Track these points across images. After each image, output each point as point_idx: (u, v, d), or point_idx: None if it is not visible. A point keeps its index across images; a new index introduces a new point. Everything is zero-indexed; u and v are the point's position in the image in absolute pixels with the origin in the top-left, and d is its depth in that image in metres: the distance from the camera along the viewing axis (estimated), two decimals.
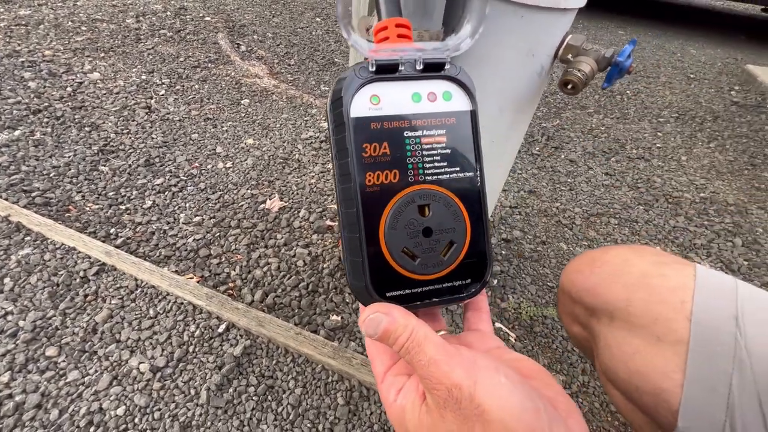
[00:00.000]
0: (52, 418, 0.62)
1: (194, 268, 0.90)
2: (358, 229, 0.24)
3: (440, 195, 0.26)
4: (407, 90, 0.26)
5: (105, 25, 1.93)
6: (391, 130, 0.25)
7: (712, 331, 0.33)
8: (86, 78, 1.51)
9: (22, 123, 1.23)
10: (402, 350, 0.23)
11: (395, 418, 0.24)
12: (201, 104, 1.50)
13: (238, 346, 0.74)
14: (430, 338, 0.23)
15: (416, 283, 0.26)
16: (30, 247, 0.86)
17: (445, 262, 0.26)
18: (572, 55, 0.48)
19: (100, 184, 1.08)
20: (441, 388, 0.21)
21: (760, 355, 0.31)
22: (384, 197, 0.25)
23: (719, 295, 0.35)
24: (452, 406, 0.21)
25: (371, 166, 0.25)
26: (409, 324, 0.23)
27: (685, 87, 2.27)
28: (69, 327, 0.74)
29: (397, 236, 0.25)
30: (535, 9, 0.44)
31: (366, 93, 0.25)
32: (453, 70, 0.27)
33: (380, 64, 0.25)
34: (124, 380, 0.68)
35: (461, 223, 0.26)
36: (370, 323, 0.23)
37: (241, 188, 1.15)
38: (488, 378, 0.21)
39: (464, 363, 0.22)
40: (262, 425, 0.65)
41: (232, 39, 2.06)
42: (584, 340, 0.46)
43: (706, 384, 0.32)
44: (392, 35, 0.28)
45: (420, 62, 0.26)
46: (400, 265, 0.25)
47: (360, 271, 0.25)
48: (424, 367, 0.22)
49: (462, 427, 0.21)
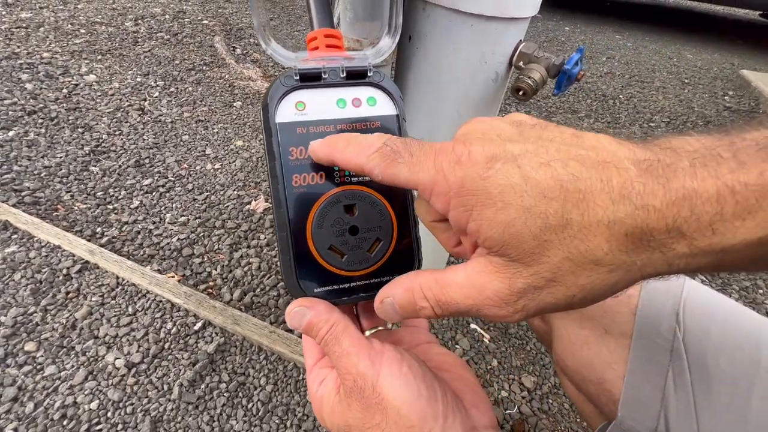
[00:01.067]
0: (27, 411, 0.64)
1: (176, 267, 0.92)
2: (286, 227, 0.26)
3: (366, 195, 0.27)
4: (332, 96, 0.27)
5: (104, 28, 1.97)
6: (316, 134, 0.27)
7: (653, 324, 0.35)
8: (82, 80, 1.55)
9: (16, 124, 1.26)
10: (322, 342, 0.24)
11: (315, 406, 0.26)
12: (194, 106, 1.53)
13: (212, 344, 0.76)
14: (347, 332, 0.24)
15: (344, 279, 0.27)
16: (16, 245, 0.89)
17: (371, 258, 0.27)
18: (524, 62, 0.50)
19: (89, 184, 1.11)
20: (349, 378, 0.23)
21: (695, 349, 0.32)
22: (311, 198, 0.26)
23: (665, 291, 0.36)
24: (357, 395, 0.22)
25: (298, 168, 0.26)
26: (330, 318, 0.24)
27: (678, 92, 2.27)
28: (49, 323, 0.76)
29: (323, 234, 0.26)
30: (483, 19, 0.45)
31: (291, 100, 0.27)
32: (377, 77, 0.29)
33: (303, 73, 0.27)
34: (99, 375, 0.70)
35: (387, 221, 0.27)
36: (294, 316, 0.25)
37: (228, 189, 1.17)
38: (390, 369, 0.23)
39: (372, 355, 0.23)
40: (231, 420, 0.67)
41: (228, 42, 2.09)
42: (544, 332, 0.48)
43: (644, 376, 0.34)
44: (322, 45, 0.30)
45: (343, 70, 0.28)
46: (327, 262, 0.26)
47: (289, 268, 0.26)
48: (338, 358, 0.24)
49: (365, 415, 0.22)
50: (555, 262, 0.17)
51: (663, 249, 0.16)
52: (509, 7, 0.45)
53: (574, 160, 0.17)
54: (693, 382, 0.31)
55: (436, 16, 0.47)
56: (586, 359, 0.38)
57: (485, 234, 0.18)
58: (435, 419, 0.22)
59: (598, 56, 2.70)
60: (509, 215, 0.17)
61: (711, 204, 0.15)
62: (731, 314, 0.33)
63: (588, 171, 0.16)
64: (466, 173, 0.18)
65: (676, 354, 0.33)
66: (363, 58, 0.29)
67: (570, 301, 0.18)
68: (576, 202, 0.16)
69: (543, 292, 0.18)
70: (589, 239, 0.16)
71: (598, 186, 0.16)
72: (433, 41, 0.49)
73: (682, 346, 0.33)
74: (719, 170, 0.15)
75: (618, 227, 0.16)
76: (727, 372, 0.30)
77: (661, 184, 0.15)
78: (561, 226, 0.16)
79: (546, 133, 0.19)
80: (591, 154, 0.17)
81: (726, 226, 0.15)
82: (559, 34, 3.06)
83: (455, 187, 0.18)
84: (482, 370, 0.82)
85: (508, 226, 0.17)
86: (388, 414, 0.22)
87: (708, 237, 0.15)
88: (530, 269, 0.17)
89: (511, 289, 0.18)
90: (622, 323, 0.36)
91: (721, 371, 0.30)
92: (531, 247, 0.17)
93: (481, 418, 0.25)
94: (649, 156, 0.16)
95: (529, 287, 0.18)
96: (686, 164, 0.15)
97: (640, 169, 0.16)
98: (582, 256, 0.16)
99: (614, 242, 0.16)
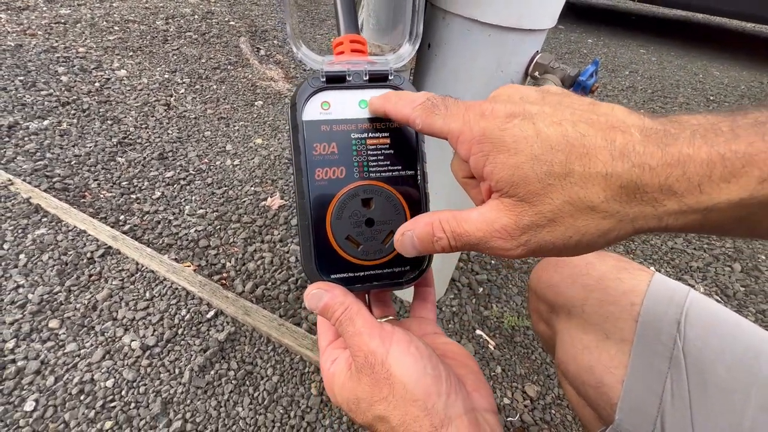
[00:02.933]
0: (48, 384, 0.68)
1: (193, 257, 0.95)
2: (307, 217, 0.28)
3: (382, 190, 0.29)
4: (355, 97, 0.29)
5: (136, 26, 2.05)
6: (339, 132, 0.29)
7: (654, 332, 0.36)
8: (114, 75, 1.62)
9: (51, 114, 1.33)
10: (336, 323, 0.26)
11: (327, 383, 0.28)
12: (217, 104, 1.58)
13: (223, 332, 0.78)
14: (360, 314, 0.26)
15: (358, 267, 0.29)
16: (45, 228, 0.94)
17: (385, 249, 0.29)
18: (540, 72, 0.51)
19: (115, 173, 1.16)
20: (360, 354, 0.24)
21: (694, 358, 0.33)
22: (331, 190, 0.28)
23: (668, 300, 0.37)
24: (367, 371, 0.24)
25: (320, 162, 0.28)
26: (345, 301, 0.26)
27: (703, 108, 2.22)
28: (72, 303, 0.80)
29: (341, 225, 0.28)
30: (501, 29, 0.47)
31: (317, 100, 0.29)
32: (397, 80, 0.30)
33: (329, 75, 0.29)
34: (116, 355, 0.73)
35: (401, 215, 0.29)
36: (312, 297, 0.27)
37: (246, 185, 1.21)
38: (399, 348, 0.25)
39: (382, 335, 0.25)
40: (237, 407, 0.69)
41: (253, 43, 2.15)
42: (548, 338, 0.48)
43: (643, 381, 0.35)
44: (347, 49, 0.32)
45: (366, 73, 0.30)
46: (344, 250, 0.28)
47: (309, 255, 0.28)
48: (350, 336, 0.25)
49: (374, 389, 0.24)
50: (557, 204, 0.19)
51: (654, 204, 0.18)
52: (527, 19, 0.47)
53: (584, 122, 0.19)
54: (690, 389, 0.32)
55: (455, 25, 0.49)
56: (587, 363, 0.38)
57: (498, 175, 0.20)
58: (438, 396, 0.23)
59: (620, 70, 2.67)
60: (519, 160, 0.20)
61: (702, 167, 0.17)
62: (733, 326, 0.33)
63: (595, 132, 0.19)
64: (487, 125, 0.21)
65: (675, 362, 0.34)
66: (385, 62, 0.31)
67: (566, 242, 0.20)
68: (579, 156, 0.19)
69: (544, 230, 0.20)
70: (588, 187, 0.19)
71: (601, 144, 0.18)
72: (451, 49, 0.51)
73: (682, 354, 0.34)
74: (715, 140, 0.17)
75: (614, 180, 0.18)
76: (725, 382, 0.30)
77: (660, 148, 0.18)
78: (564, 174, 0.19)
79: (566, 100, 0.21)
80: (601, 119, 0.19)
81: (712, 186, 0.17)
82: (582, 46, 3.04)
83: (477, 136, 0.21)
84: (486, 376, 0.82)
85: (517, 169, 0.20)
86: (395, 388, 0.23)
87: (695, 195, 0.17)
88: (535, 208, 0.20)
89: (517, 224, 0.20)
90: (624, 329, 0.37)
91: (718, 380, 0.31)
92: (536, 188, 0.19)
93: (481, 402, 0.26)
94: (656, 126, 0.18)
95: (533, 224, 0.20)
96: (687, 134, 0.18)
97: (644, 135, 0.18)
98: (580, 201, 0.19)
99: (610, 192, 0.18)
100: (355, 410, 0.25)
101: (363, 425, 0.25)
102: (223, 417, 0.68)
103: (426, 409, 0.23)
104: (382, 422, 0.24)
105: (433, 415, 0.23)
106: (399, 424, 0.23)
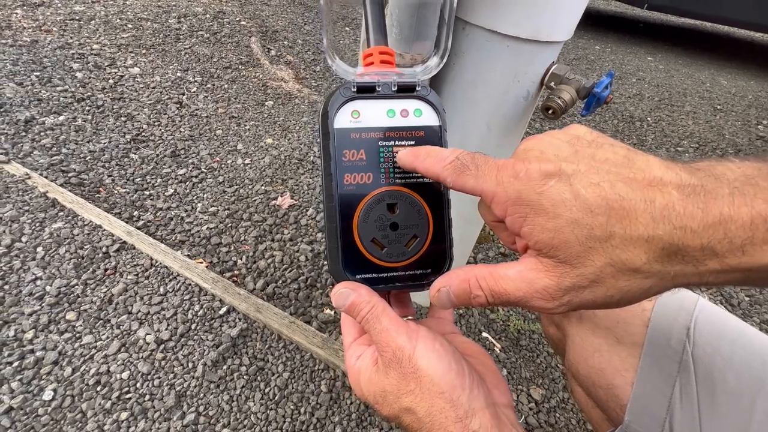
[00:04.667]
0: (65, 375, 0.69)
1: (205, 254, 0.97)
2: (335, 219, 0.29)
3: (407, 196, 0.30)
4: (384, 107, 0.31)
5: (149, 24, 2.08)
6: (367, 140, 0.30)
7: (664, 337, 0.37)
8: (127, 72, 1.64)
9: (66, 109, 1.35)
10: (363, 321, 0.28)
11: (353, 378, 0.29)
12: (228, 103, 1.60)
13: (235, 328, 0.80)
14: (386, 312, 0.27)
15: (382, 269, 0.30)
16: (62, 222, 0.96)
17: (408, 252, 0.30)
18: (555, 83, 0.52)
19: (129, 170, 1.18)
20: (388, 350, 0.26)
21: (703, 363, 0.34)
22: (359, 195, 0.30)
23: (678, 306, 0.38)
24: (395, 365, 0.25)
25: (349, 168, 0.30)
26: (371, 300, 0.28)
27: (710, 118, 2.23)
28: (88, 296, 0.82)
29: (367, 228, 0.30)
30: (519, 41, 0.48)
31: (348, 108, 0.30)
32: (424, 92, 0.32)
33: (360, 86, 0.30)
34: (131, 348, 0.75)
35: (425, 220, 0.31)
36: (339, 296, 0.28)
37: (256, 184, 1.23)
38: (425, 344, 0.26)
39: (409, 332, 0.26)
40: (249, 402, 0.71)
41: (263, 43, 2.17)
42: (559, 341, 0.50)
43: (653, 384, 0.36)
44: (376, 61, 0.34)
45: (395, 84, 0.31)
46: (369, 252, 0.30)
47: (336, 255, 0.30)
48: (377, 333, 0.27)
49: (401, 383, 0.25)
50: (598, 266, 0.19)
51: (696, 263, 0.18)
52: (544, 31, 0.48)
53: (621, 181, 0.19)
54: (699, 393, 0.33)
55: (475, 36, 0.51)
56: (598, 365, 0.40)
57: (536, 237, 0.21)
58: (462, 389, 0.25)
59: (627, 77, 2.68)
60: (558, 223, 0.20)
61: (744, 230, 0.17)
62: (741, 334, 0.35)
63: (633, 192, 0.19)
64: (522, 187, 0.21)
65: (685, 366, 0.35)
66: (413, 74, 0.32)
67: (608, 300, 0.20)
68: (620, 218, 0.19)
69: (585, 290, 0.20)
70: (630, 250, 0.19)
71: (642, 206, 0.18)
72: (469, 58, 0.53)
73: (691, 359, 0.35)
74: (755, 199, 0.17)
75: (656, 242, 0.18)
76: (733, 387, 0.32)
77: (700, 208, 0.18)
78: (605, 237, 0.19)
79: (600, 153, 0.21)
80: (638, 176, 0.19)
81: (755, 248, 0.17)
82: (589, 53, 3.05)
83: (513, 197, 0.21)
84: None
85: (557, 233, 0.20)
86: (422, 382, 0.25)
87: (738, 257, 0.17)
88: (576, 270, 0.20)
89: (558, 286, 0.20)
90: (634, 334, 0.38)
91: (726, 386, 0.32)
92: (577, 251, 0.20)
93: (501, 398, 0.28)
94: (693, 181, 0.18)
95: (575, 286, 0.20)
96: (726, 191, 0.18)
97: (683, 194, 0.18)
98: (622, 263, 0.19)
99: (652, 254, 0.18)
100: (381, 402, 0.26)
101: (388, 417, 0.27)
102: (235, 411, 0.69)
103: (451, 401, 0.24)
104: (408, 413, 0.25)
105: (458, 407, 0.24)
106: (425, 414, 0.24)
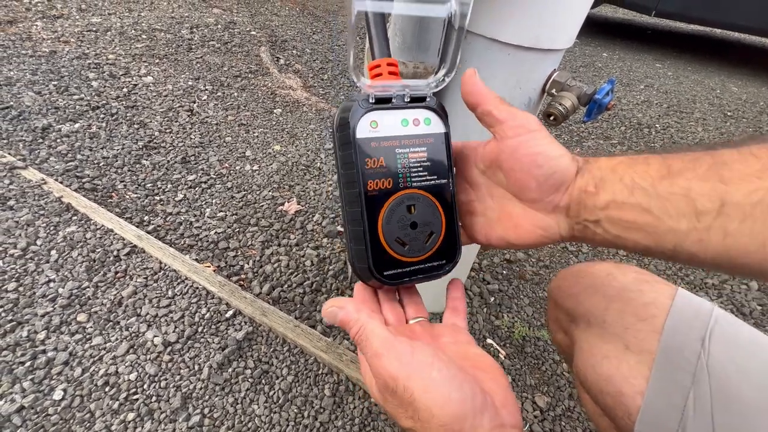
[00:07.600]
0: (75, 375, 0.71)
1: (212, 258, 0.99)
2: (362, 223, 0.31)
3: (423, 197, 0.33)
4: (398, 117, 0.33)
5: (162, 35, 2.14)
6: (386, 148, 0.32)
7: (678, 347, 0.36)
8: (141, 81, 1.68)
9: (82, 117, 1.39)
10: (355, 342, 0.28)
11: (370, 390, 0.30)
12: (237, 111, 1.63)
13: (241, 331, 0.81)
14: (376, 333, 0.27)
15: (405, 264, 0.33)
16: (75, 226, 0.98)
17: (426, 247, 0.33)
18: (557, 90, 0.53)
19: (140, 175, 1.20)
20: (380, 379, 0.26)
21: (718, 375, 0.33)
22: (381, 199, 0.32)
23: (692, 316, 0.37)
24: (390, 393, 0.26)
25: (371, 175, 0.31)
26: (359, 318, 0.28)
27: (720, 124, 2.21)
28: (99, 298, 0.84)
29: (391, 228, 0.32)
30: (521, 49, 0.49)
31: (367, 119, 0.32)
32: (432, 102, 0.34)
33: (378, 97, 0.32)
34: (139, 350, 0.76)
35: (438, 218, 0.33)
36: (328, 315, 0.30)
37: (264, 190, 1.24)
38: (420, 372, 0.25)
39: (400, 356, 0.26)
40: (253, 405, 0.71)
41: (273, 52, 2.22)
42: (567, 347, 0.49)
43: (665, 395, 0.35)
44: (384, 72, 0.35)
45: (407, 96, 0.33)
46: (393, 250, 0.32)
47: (364, 256, 0.31)
48: (369, 359, 0.27)
49: (399, 409, 0.26)
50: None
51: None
52: (545, 39, 0.49)
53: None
54: (713, 406, 0.32)
55: (476, 44, 0.52)
56: (606, 372, 0.39)
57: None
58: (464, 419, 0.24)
59: (635, 84, 2.66)
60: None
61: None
62: (759, 345, 0.34)
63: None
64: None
65: (699, 377, 0.34)
66: (424, 86, 0.33)
67: None
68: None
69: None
70: None
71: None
72: (471, 66, 0.54)
73: (706, 370, 0.34)
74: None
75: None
76: (750, 401, 0.31)
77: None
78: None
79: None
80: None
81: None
82: (597, 60, 3.05)
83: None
84: None
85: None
86: (420, 413, 0.25)
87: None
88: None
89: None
90: (644, 341, 0.37)
91: (743, 400, 0.31)
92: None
93: (509, 418, 0.27)
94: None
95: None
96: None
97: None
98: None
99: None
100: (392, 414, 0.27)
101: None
102: (240, 414, 0.70)
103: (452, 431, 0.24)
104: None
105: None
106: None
